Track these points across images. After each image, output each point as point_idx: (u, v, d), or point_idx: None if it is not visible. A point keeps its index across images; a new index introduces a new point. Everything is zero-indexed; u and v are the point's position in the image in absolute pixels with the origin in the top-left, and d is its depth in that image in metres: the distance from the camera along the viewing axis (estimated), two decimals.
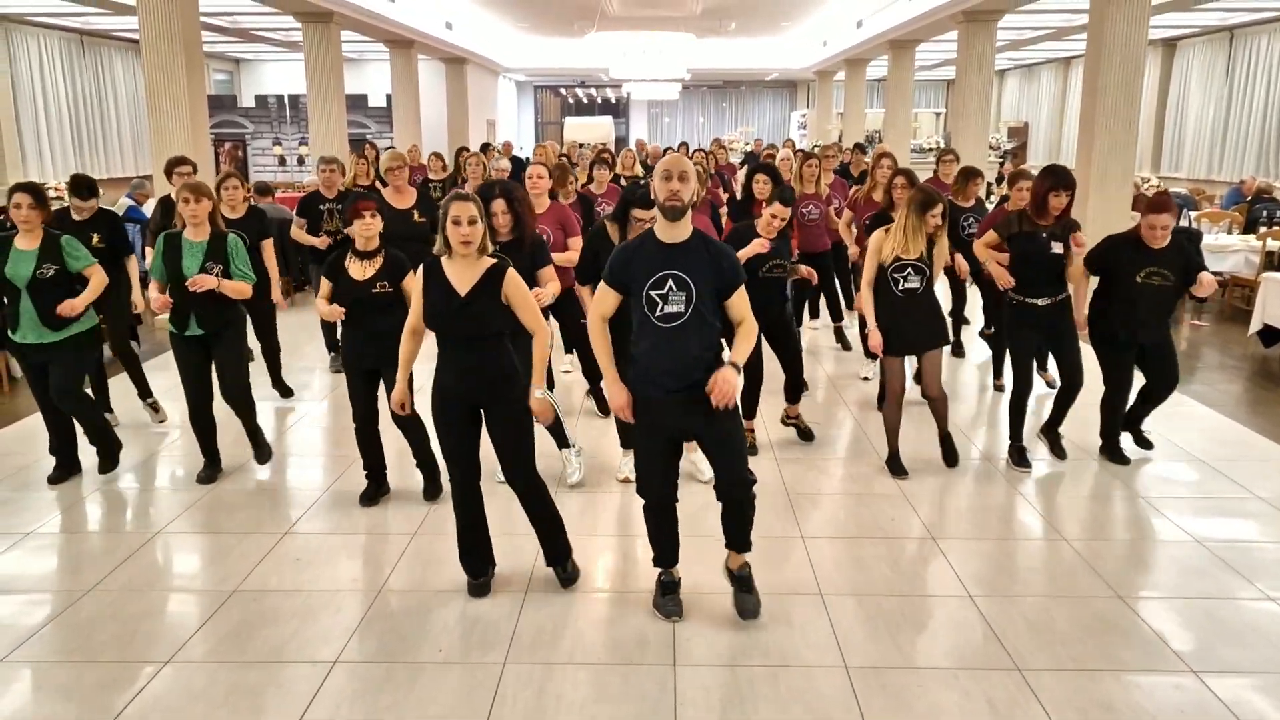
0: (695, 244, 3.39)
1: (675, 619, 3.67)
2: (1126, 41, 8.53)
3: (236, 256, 4.93)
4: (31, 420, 6.27)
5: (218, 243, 4.90)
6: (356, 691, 3.27)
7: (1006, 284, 5.23)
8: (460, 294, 3.58)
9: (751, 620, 3.64)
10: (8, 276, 4.74)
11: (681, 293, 3.34)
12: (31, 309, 4.78)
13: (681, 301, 3.34)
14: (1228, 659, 3.47)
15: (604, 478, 5.19)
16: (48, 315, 4.78)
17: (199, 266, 4.83)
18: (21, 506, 4.85)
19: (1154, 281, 4.98)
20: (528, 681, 3.32)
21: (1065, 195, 5.05)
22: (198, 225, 4.88)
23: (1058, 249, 5.06)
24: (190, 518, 4.73)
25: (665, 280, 3.35)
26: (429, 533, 4.52)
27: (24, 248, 4.77)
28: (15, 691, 3.29)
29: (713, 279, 3.37)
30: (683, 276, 3.34)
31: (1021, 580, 4.08)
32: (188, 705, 3.20)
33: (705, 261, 3.36)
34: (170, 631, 3.66)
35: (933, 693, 3.27)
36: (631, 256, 3.42)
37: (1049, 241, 5.06)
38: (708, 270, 3.36)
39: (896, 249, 4.97)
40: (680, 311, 3.35)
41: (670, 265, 3.35)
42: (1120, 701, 3.21)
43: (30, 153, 14.93)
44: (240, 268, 4.94)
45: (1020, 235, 5.15)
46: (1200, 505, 4.89)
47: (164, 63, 8.67)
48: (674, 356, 3.38)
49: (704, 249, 3.39)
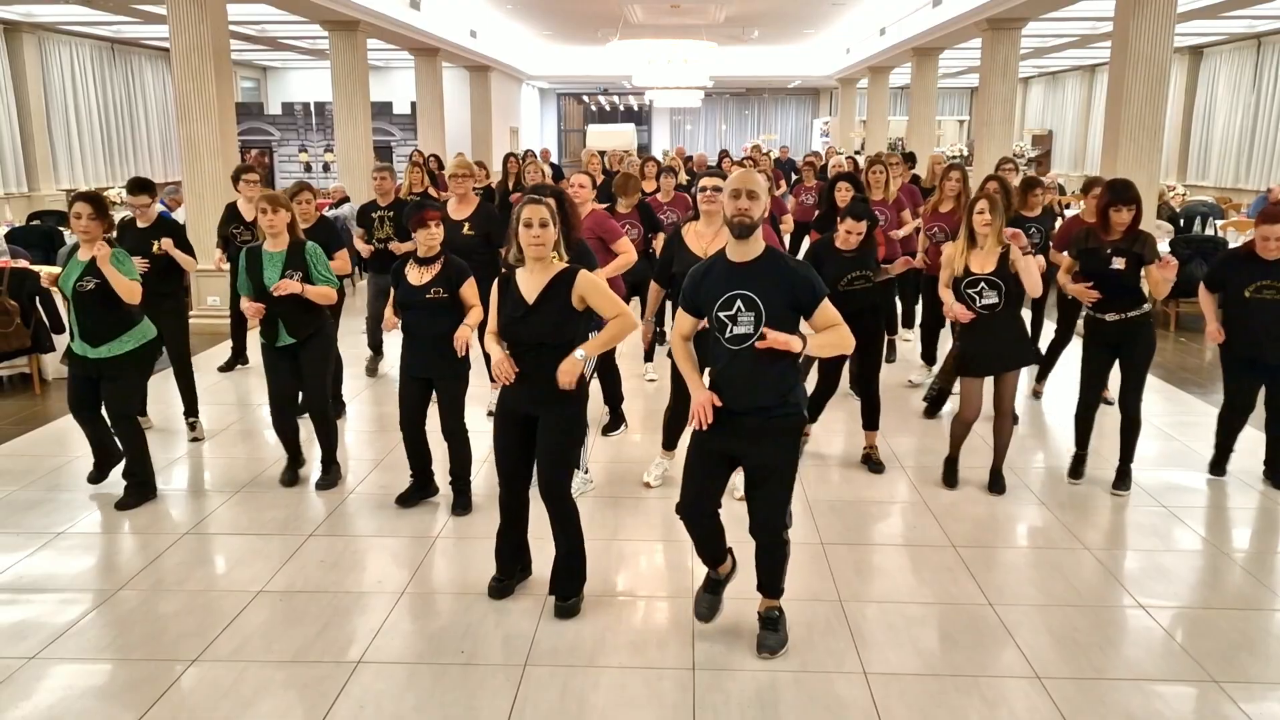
0: (766, 262, 3.25)
1: (701, 620, 3.65)
2: (1151, 50, 8.49)
3: (317, 262, 4.93)
4: (63, 422, 6.37)
5: (296, 251, 4.91)
6: (381, 691, 3.31)
7: (1090, 299, 4.95)
8: (528, 302, 3.56)
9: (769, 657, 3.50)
10: (59, 285, 4.77)
11: (750, 313, 3.20)
12: (75, 321, 4.75)
13: (750, 323, 3.20)
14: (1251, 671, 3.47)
15: (628, 482, 5.21)
16: (87, 328, 4.72)
17: (279, 276, 4.84)
18: (53, 507, 4.94)
19: (1265, 296, 4.82)
20: (549, 683, 3.36)
21: (1125, 210, 4.83)
22: (276, 236, 4.90)
23: (1118, 264, 4.84)
24: (218, 519, 4.80)
25: (734, 301, 3.22)
26: (452, 536, 4.57)
27: (80, 258, 4.75)
28: (47, 688, 3.36)
29: (785, 298, 3.22)
30: (751, 296, 3.20)
31: (1045, 589, 4.08)
32: (216, 703, 3.25)
33: (776, 280, 3.22)
34: (199, 630, 3.72)
35: (952, 699, 3.28)
36: (701, 279, 3.34)
37: (1110, 257, 4.86)
38: (779, 289, 3.21)
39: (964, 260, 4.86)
40: (749, 333, 3.21)
41: (739, 285, 3.23)
42: (1140, 710, 3.21)
43: (62, 159, 15.16)
44: (323, 273, 4.94)
45: (1085, 250, 4.99)
46: (1229, 517, 4.87)
47: (194, 72, 8.79)
48: (746, 379, 3.25)
49: (775, 267, 3.25)
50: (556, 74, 25.69)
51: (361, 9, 12.12)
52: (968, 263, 4.87)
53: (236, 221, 6.83)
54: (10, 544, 4.49)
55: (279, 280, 4.81)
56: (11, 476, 5.36)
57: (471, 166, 6.27)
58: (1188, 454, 5.66)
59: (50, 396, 7.03)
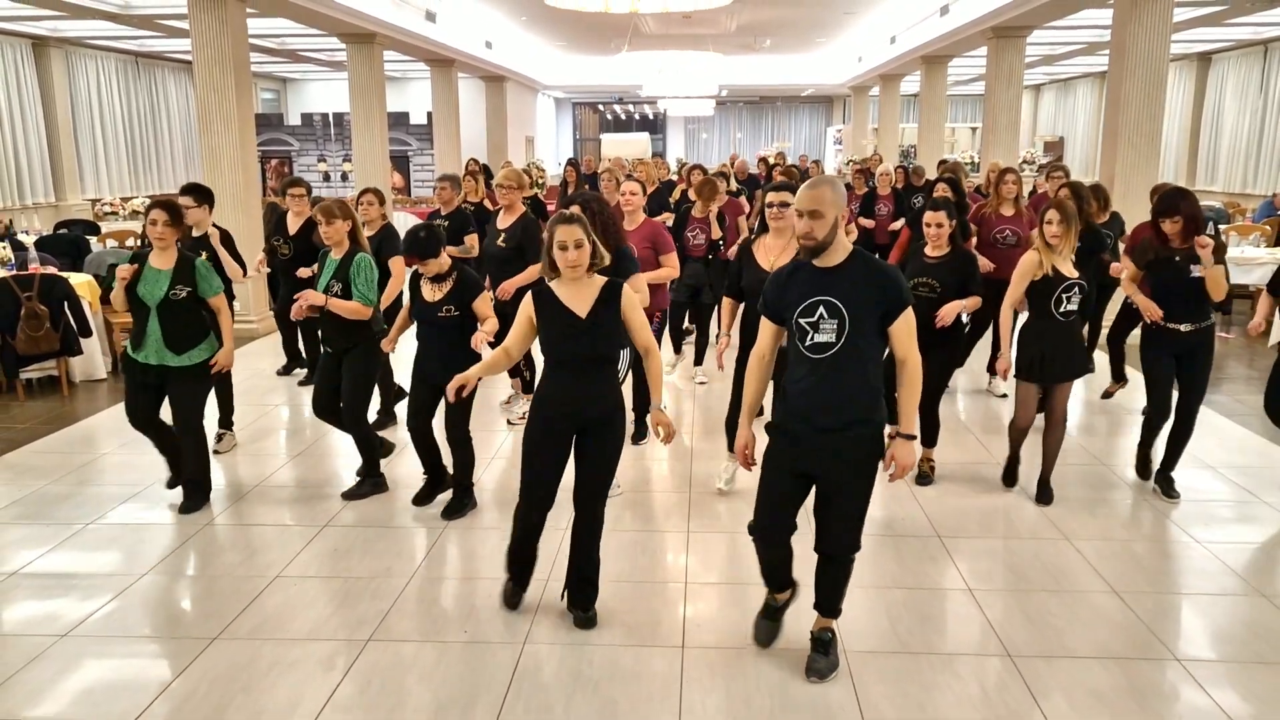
0: (852, 266, 3.13)
1: (761, 645, 3.61)
2: (1149, 57, 8.64)
3: (359, 276, 4.89)
4: (89, 422, 6.66)
5: (346, 262, 4.93)
6: (388, 666, 3.53)
7: (1155, 315, 4.88)
8: (581, 315, 3.51)
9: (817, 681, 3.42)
10: (139, 295, 4.72)
11: (833, 320, 3.07)
12: (158, 330, 4.74)
13: (833, 330, 3.07)
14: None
15: (643, 482, 5.42)
16: (172, 337, 4.76)
17: (326, 284, 4.91)
18: (82, 500, 5.20)
19: None
20: (546, 659, 3.57)
21: (1171, 221, 4.79)
22: (336, 244, 4.97)
23: (1197, 272, 4.75)
24: (236, 511, 5.04)
25: (816, 307, 3.09)
26: (457, 526, 4.80)
27: (159, 267, 4.76)
28: (77, 664, 3.59)
29: (872, 303, 3.08)
30: (834, 303, 3.07)
31: (1024, 576, 4.26)
32: (235, 675, 3.48)
33: (862, 284, 3.09)
34: (218, 611, 3.95)
35: (926, 675, 3.47)
36: (786, 283, 3.21)
37: (1186, 265, 4.77)
38: (865, 294, 3.07)
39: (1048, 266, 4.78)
40: (831, 341, 3.08)
41: (822, 290, 3.10)
42: (1104, 685, 3.39)
43: (87, 170, 15.56)
44: (361, 288, 4.88)
45: (1157, 261, 4.89)
46: (1214, 512, 5.03)
47: (215, 84, 9.08)
48: (826, 390, 3.12)
49: (862, 270, 3.12)
50: (571, 83, 25.99)
51: (378, 22, 12.41)
52: (1055, 266, 4.78)
53: (280, 234, 7.07)
54: (42, 534, 4.74)
55: (324, 289, 4.89)
56: (42, 472, 5.63)
57: (521, 177, 6.19)
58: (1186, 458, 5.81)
59: (77, 398, 7.31)
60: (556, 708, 3.28)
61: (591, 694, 3.36)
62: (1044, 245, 4.80)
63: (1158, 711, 3.26)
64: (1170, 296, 4.89)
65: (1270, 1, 11.19)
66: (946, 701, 3.32)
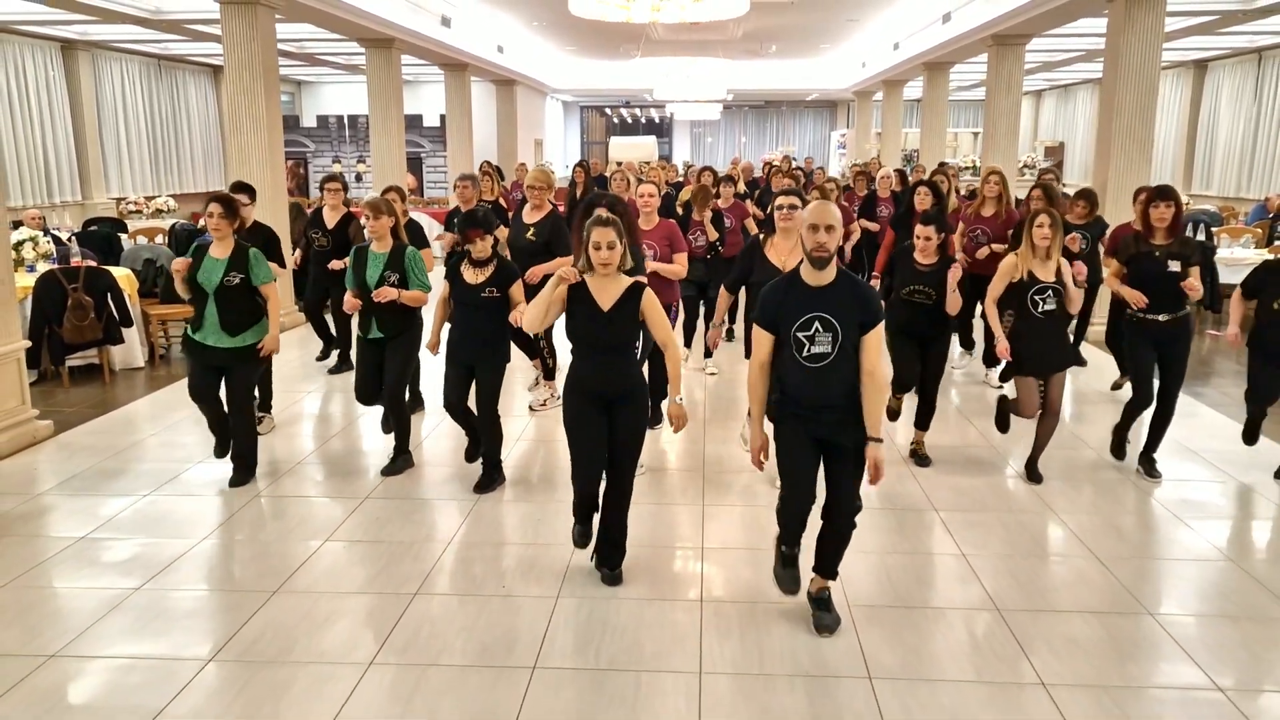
0: (841, 285, 3.54)
1: (791, 593, 3.90)
2: (1141, 64, 9.00)
3: (415, 267, 5.33)
4: (132, 407, 7.04)
5: (397, 254, 5.33)
6: (435, 617, 3.91)
7: (1139, 302, 5.23)
8: (603, 309, 3.91)
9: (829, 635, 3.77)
10: (199, 281, 5.14)
11: (828, 334, 3.48)
12: (215, 313, 5.13)
13: (828, 342, 3.48)
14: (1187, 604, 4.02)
15: (661, 463, 5.78)
16: (228, 321, 5.15)
17: (379, 274, 5.30)
18: (135, 475, 5.57)
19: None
20: (577, 611, 3.95)
21: (1165, 207, 5.17)
22: (380, 239, 5.37)
23: (1174, 267, 5.11)
24: (279, 486, 5.42)
25: (812, 322, 3.49)
26: (490, 500, 5.18)
27: (217, 256, 5.17)
28: (153, 612, 3.97)
29: (856, 317, 3.49)
30: (828, 318, 3.48)
31: (1013, 544, 4.64)
32: (296, 622, 3.86)
33: (850, 301, 3.51)
34: (275, 570, 4.33)
35: (922, 627, 3.84)
36: (782, 299, 3.57)
37: (1165, 260, 5.15)
38: (851, 309, 3.49)
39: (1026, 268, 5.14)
40: (827, 352, 3.49)
41: (817, 307, 3.50)
42: (1084, 637, 3.77)
43: (112, 169, 15.97)
44: (418, 277, 5.34)
45: (1138, 255, 5.27)
46: (1194, 491, 5.40)
47: (245, 87, 9.46)
48: (820, 393, 3.54)
49: (849, 289, 3.54)
50: (580, 87, 26.38)
51: (397, 27, 12.80)
52: (1032, 270, 5.15)
53: (318, 226, 7.53)
54: (105, 504, 5.13)
55: (378, 279, 5.27)
56: (95, 451, 6.01)
57: (550, 178, 6.62)
58: (1178, 448, 6.19)
59: (118, 385, 7.69)
60: (588, 650, 3.65)
61: (619, 638, 3.73)
62: (1029, 248, 5.15)
63: (1131, 656, 3.63)
64: (1148, 289, 5.24)
65: (1262, 12, 11.55)
66: (940, 648, 3.69)
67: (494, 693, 3.37)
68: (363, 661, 3.57)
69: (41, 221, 9.75)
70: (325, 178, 7.72)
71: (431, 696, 3.35)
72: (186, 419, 6.58)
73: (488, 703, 3.31)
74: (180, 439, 6.20)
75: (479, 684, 3.43)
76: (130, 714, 3.24)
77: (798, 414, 3.61)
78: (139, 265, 8.79)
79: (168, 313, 8.56)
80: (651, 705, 3.30)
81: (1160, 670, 3.56)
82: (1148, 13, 8.92)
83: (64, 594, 4.15)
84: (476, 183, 7.59)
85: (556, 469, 5.62)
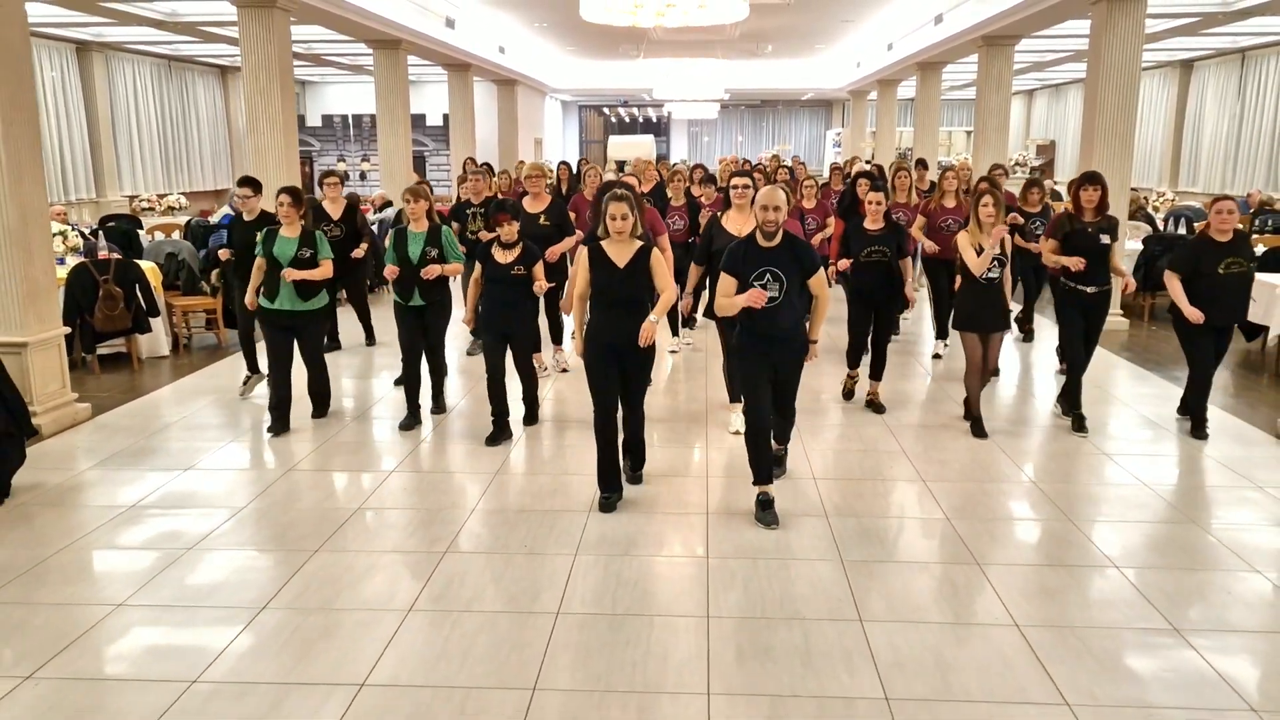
0: (784, 246, 4.70)
1: (774, 528, 4.71)
2: (1123, 65, 9.38)
3: (449, 244, 6.27)
4: (160, 392, 7.42)
5: (434, 232, 6.24)
6: (465, 572, 4.29)
7: (1077, 266, 5.93)
8: (620, 266, 4.82)
9: (767, 529, 4.72)
10: (275, 256, 6.08)
11: (776, 283, 4.64)
12: (290, 283, 6.10)
13: (777, 289, 4.63)
14: (1142, 558, 4.42)
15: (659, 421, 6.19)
16: (300, 288, 6.15)
17: (420, 250, 6.13)
18: (172, 451, 5.94)
19: (1234, 270, 5.81)
20: (594, 565, 4.33)
21: (1093, 189, 6.00)
22: (417, 220, 6.22)
23: (1105, 240, 5.91)
24: (312, 461, 5.80)
25: (765, 274, 4.64)
26: (511, 471, 5.56)
27: (288, 236, 6.16)
28: (206, 568, 4.35)
29: (797, 269, 4.67)
30: (776, 271, 4.64)
31: (985, 504, 5.03)
32: (338, 576, 4.24)
33: (792, 258, 4.68)
34: (314, 532, 4.70)
35: (905, 575, 4.23)
36: (743, 256, 4.72)
37: (1097, 235, 5.92)
38: (794, 264, 4.67)
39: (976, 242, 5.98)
40: (775, 296, 4.63)
41: (768, 263, 4.66)
42: (1056, 584, 4.16)
43: (125, 167, 16.33)
44: (454, 251, 6.28)
45: (1072, 232, 6.06)
46: (1155, 460, 5.80)
47: (262, 89, 9.83)
48: (770, 326, 4.70)
49: (790, 249, 4.71)
50: (578, 87, 26.76)
51: (404, 29, 13.17)
52: (979, 244, 5.96)
53: (324, 219, 8.04)
54: (150, 477, 5.50)
55: (420, 254, 6.14)
56: (132, 431, 6.38)
57: (544, 169, 7.59)
58: (1142, 420, 6.59)
59: (145, 372, 8.05)
60: (605, 598, 4.04)
61: (632, 589, 4.12)
62: (976, 224, 5.99)
63: (1030, 519, 4.03)
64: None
65: (1241, 14, 11.96)
66: (920, 593, 4.08)
67: (523, 633, 3.75)
68: (402, 608, 3.95)
69: (65, 217, 10.13)
70: (324, 173, 8.30)
71: (467, 636, 3.73)
72: (213, 403, 7.00)
73: (518, 642, 3.69)
74: (210, 420, 6.59)
75: (509, 626, 3.81)
76: (197, 654, 3.62)
77: (754, 346, 4.77)
78: (161, 259, 9.16)
79: (189, 304, 8.95)
80: (664, 643, 3.68)
81: (1062, 548, 3.95)
82: (1128, 15, 9.31)
83: (122, 553, 4.53)
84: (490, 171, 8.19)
85: (572, 447, 6.03)
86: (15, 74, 6.02)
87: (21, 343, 6.11)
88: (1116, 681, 3.41)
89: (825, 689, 3.36)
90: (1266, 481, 5.39)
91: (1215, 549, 4.54)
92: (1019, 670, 3.48)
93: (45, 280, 6.38)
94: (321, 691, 3.36)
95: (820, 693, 3.34)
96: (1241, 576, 4.25)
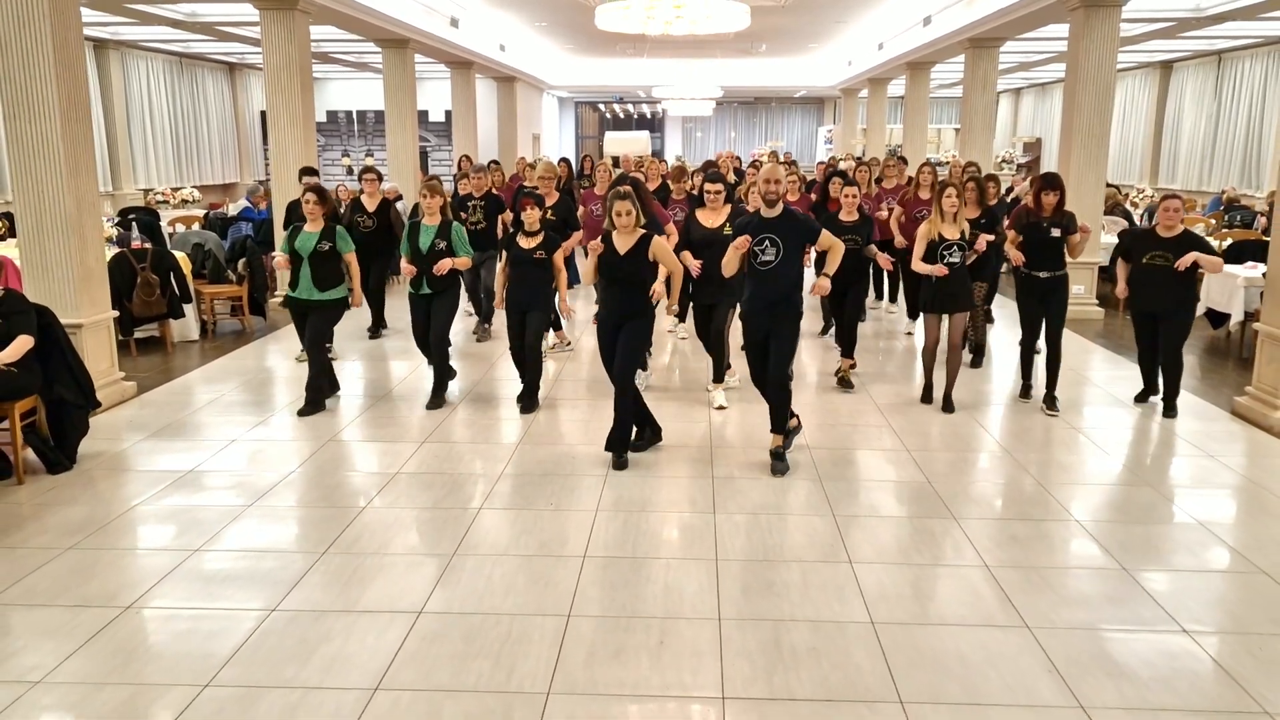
0: (784, 216, 5.41)
1: (781, 475, 5.44)
2: (1099, 67, 9.93)
3: (459, 239, 6.73)
4: (194, 374, 7.92)
5: (445, 227, 6.71)
6: (497, 528, 4.81)
7: (1019, 260, 6.65)
8: (620, 253, 5.61)
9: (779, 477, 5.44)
10: (297, 249, 6.60)
11: (773, 248, 5.35)
12: (309, 273, 6.60)
13: (773, 254, 5.35)
14: (1101, 515, 4.98)
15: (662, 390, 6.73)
16: (318, 278, 6.62)
17: (430, 243, 6.62)
18: (214, 427, 6.45)
19: (1156, 263, 6.45)
20: (613, 519, 4.87)
21: (1052, 194, 6.62)
22: (432, 214, 6.71)
23: (1055, 233, 6.58)
24: (347, 433, 6.32)
25: (764, 240, 5.35)
26: (529, 442, 6.09)
27: (311, 230, 6.66)
28: (258, 528, 4.85)
29: (796, 237, 5.37)
30: (774, 238, 5.34)
31: (963, 470, 5.58)
32: (380, 532, 4.75)
33: (790, 227, 5.37)
34: (355, 498, 5.23)
35: (890, 530, 4.78)
36: (747, 224, 5.46)
37: (1049, 229, 6.59)
38: (792, 232, 5.36)
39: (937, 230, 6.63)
40: (771, 260, 5.37)
41: (767, 230, 5.36)
42: (1023, 534, 4.71)
43: (139, 162, 16.79)
44: (464, 246, 6.75)
45: (1028, 225, 6.69)
46: (1121, 434, 6.37)
47: (283, 87, 10.30)
48: (767, 288, 5.43)
49: (790, 219, 5.41)
50: (575, 84, 27.24)
51: (411, 28, 13.65)
52: (941, 232, 6.62)
53: (361, 211, 8.73)
54: (199, 447, 6.02)
55: (429, 246, 6.62)
56: (175, 408, 6.89)
57: (555, 169, 8.27)
58: (1111, 399, 7.15)
59: (178, 356, 8.55)
60: (625, 545, 4.57)
61: (649, 538, 4.66)
62: (939, 214, 6.66)
63: (996, 479, 4.59)
64: (1036, 252, 6.65)
65: (1215, 18, 12.52)
66: (908, 542, 4.62)
67: (556, 572, 4.29)
68: (446, 553, 4.48)
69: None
70: (363, 169, 8.87)
71: (507, 575, 4.26)
72: (245, 383, 7.51)
73: (552, 580, 4.23)
74: (246, 399, 7.10)
75: (542, 567, 4.35)
76: (273, 586, 4.15)
77: (754, 311, 5.49)
78: (189, 249, 9.65)
79: (217, 292, 9.45)
80: (679, 580, 4.22)
81: (1033, 511, 4.51)
82: (1104, 21, 9.87)
83: (191, 509, 5.04)
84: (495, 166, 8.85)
85: (588, 418, 6.56)
86: (73, 74, 6.51)
87: (77, 324, 6.58)
88: (1070, 607, 3.97)
89: (820, 615, 3.91)
90: (1219, 452, 5.96)
91: (1163, 505, 5.10)
92: (987, 600, 4.04)
93: (97, 266, 6.88)
94: (385, 617, 3.89)
95: (815, 618, 3.89)
96: (1184, 525, 4.82)
